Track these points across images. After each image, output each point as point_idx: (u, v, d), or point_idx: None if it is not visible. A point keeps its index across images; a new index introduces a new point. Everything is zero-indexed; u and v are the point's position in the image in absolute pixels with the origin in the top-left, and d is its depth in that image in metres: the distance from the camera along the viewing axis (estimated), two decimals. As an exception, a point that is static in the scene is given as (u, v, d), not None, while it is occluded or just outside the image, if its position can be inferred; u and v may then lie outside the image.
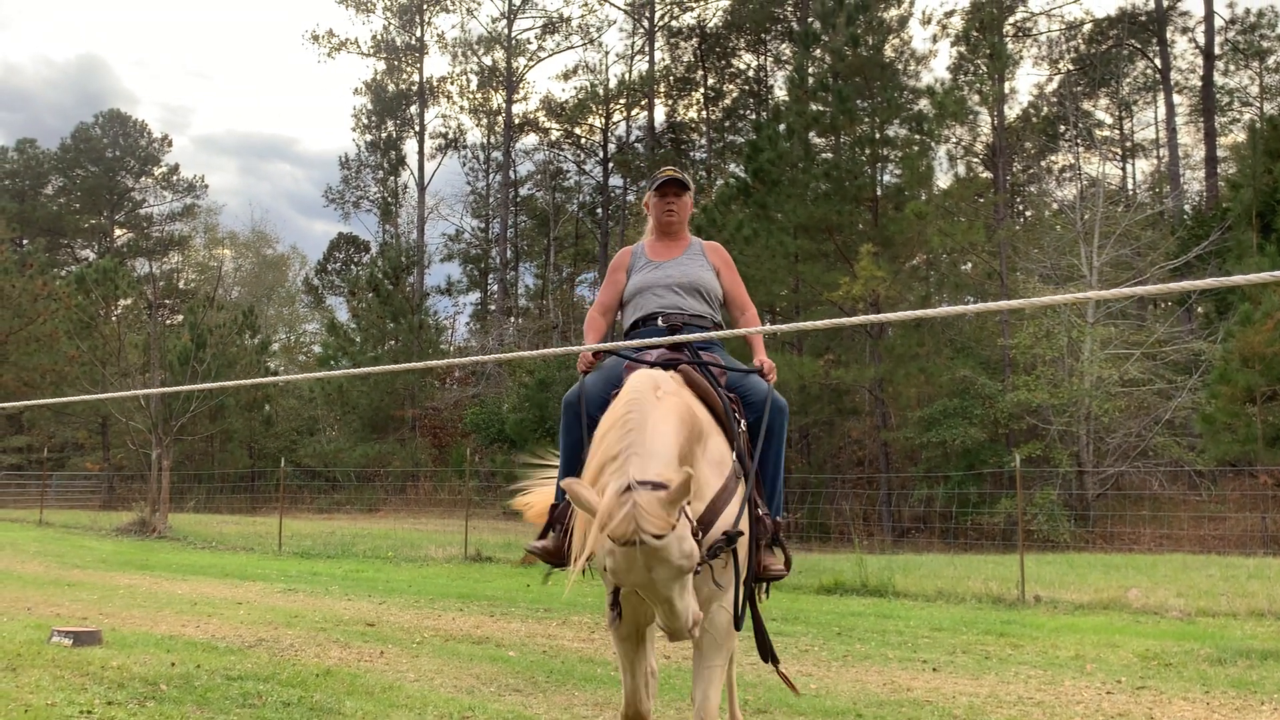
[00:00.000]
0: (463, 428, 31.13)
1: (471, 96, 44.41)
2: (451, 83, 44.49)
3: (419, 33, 44.38)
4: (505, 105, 42.14)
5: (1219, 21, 33.90)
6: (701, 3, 40.34)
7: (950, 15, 34.80)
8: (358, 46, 44.22)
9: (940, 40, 45.74)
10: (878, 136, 22.92)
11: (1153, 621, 8.31)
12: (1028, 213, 37.98)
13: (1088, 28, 37.51)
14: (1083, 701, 5.43)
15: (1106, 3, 66.94)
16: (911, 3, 28.92)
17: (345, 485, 29.54)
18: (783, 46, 39.77)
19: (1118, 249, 22.12)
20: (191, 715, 4.67)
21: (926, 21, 37.58)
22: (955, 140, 32.36)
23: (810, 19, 28.53)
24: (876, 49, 23.40)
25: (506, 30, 42.33)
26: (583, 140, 43.89)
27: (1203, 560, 13.21)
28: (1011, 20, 35.98)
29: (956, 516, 19.71)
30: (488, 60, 43.50)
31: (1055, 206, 32.06)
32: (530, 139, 44.17)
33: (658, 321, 3.85)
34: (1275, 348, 16.94)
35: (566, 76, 53.67)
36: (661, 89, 41.34)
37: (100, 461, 33.19)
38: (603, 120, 41.99)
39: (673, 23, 41.24)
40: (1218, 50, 34.14)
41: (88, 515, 21.74)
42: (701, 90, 41.77)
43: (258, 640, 6.96)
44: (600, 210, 42.87)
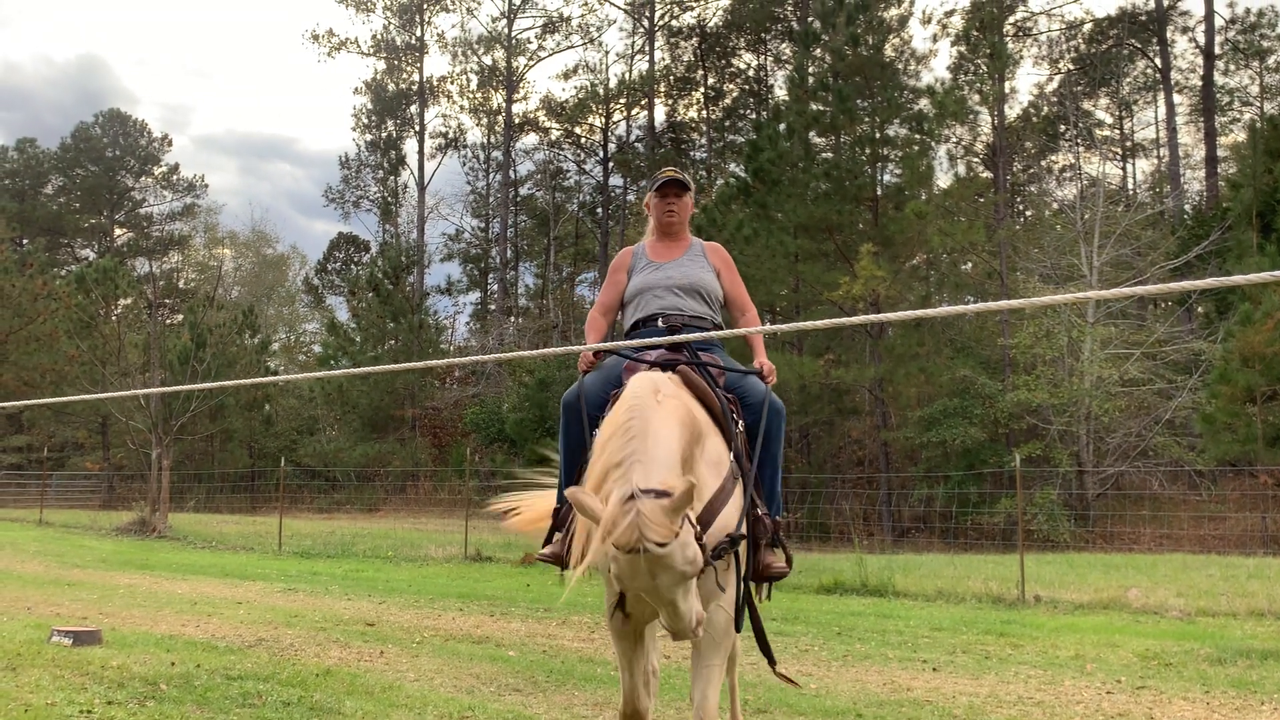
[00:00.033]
0: (463, 427, 31.15)
1: (471, 96, 44.45)
2: (451, 82, 44.56)
3: (419, 32, 44.42)
4: (505, 105, 42.15)
5: (1219, 21, 33.95)
6: (701, 2, 40.36)
7: (950, 15, 34.85)
8: (358, 46, 44.28)
9: (940, 40, 45.80)
10: (878, 136, 22.93)
11: (1153, 621, 8.32)
12: (1028, 212, 37.98)
13: (1088, 27, 37.52)
14: (1083, 701, 5.43)
15: (1106, 2, 66.95)
16: (911, 2, 28.89)
17: (345, 485, 29.56)
18: (783, 46, 39.75)
19: (1118, 249, 22.12)
20: (191, 715, 4.67)
21: (926, 21, 37.54)
22: (955, 140, 32.38)
23: (810, 18, 28.51)
24: (876, 49, 23.40)
25: (506, 30, 42.36)
26: (583, 140, 43.91)
27: (1203, 560, 13.22)
28: (1011, 20, 35.97)
29: (956, 516, 19.71)
30: (488, 60, 43.56)
31: (1055, 206, 32.07)
32: (530, 139, 44.27)
33: (658, 323, 3.87)
34: (1275, 348, 16.95)
35: (566, 76, 53.75)
36: (661, 89, 41.33)
37: (100, 461, 33.20)
38: (603, 120, 41.99)
39: (673, 22, 41.25)
40: (1218, 50, 34.15)
41: (88, 515, 21.75)
42: (701, 90, 41.76)
43: (258, 640, 6.96)
44: (600, 210, 42.86)
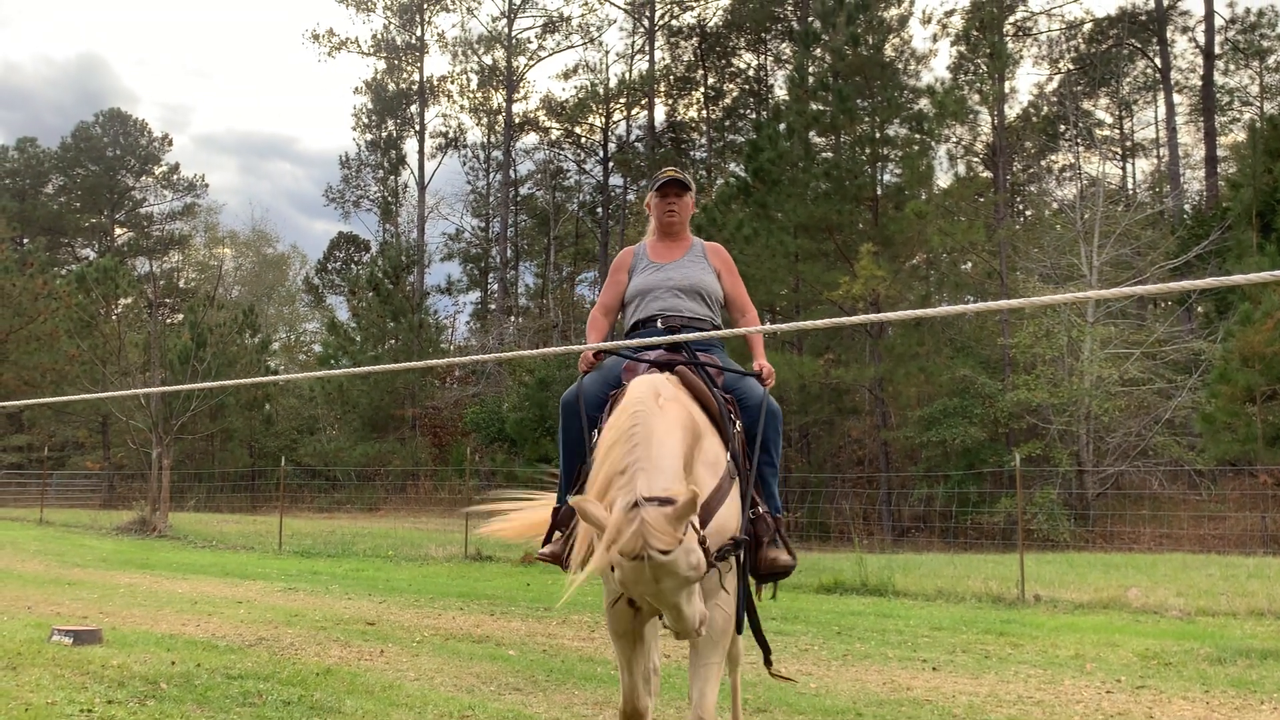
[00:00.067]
0: (463, 427, 31.15)
1: (471, 96, 44.45)
2: (452, 82, 44.56)
3: (419, 32, 44.41)
4: (505, 104, 42.15)
5: (1219, 21, 33.94)
6: (701, 2, 40.36)
7: (950, 15, 34.85)
8: (358, 46, 44.28)
9: (940, 40, 45.76)
10: (878, 136, 22.92)
11: (1152, 621, 8.32)
12: (1028, 212, 37.99)
13: (1088, 27, 37.52)
14: (1082, 701, 5.44)
15: (1106, 2, 66.94)
16: (911, 2, 28.91)
17: (345, 484, 29.56)
18: (783, 46, 39.75)
19: (1118, 248, 22.11)
20: (192, 714, 4.67)
21: (926, 21, 37.55)
22: (955, 140, 32.36)
23: (810, 18, 28.50)
24: (876, 48, 23.39)
25: (506, 29, 42.36)
26: (583, 140, 43.91)
27: (1202, 560, 13.22)
28: (1011, 20, 35.97)
29: (956, 516, 19.70)
30: (488, 59, 43.56)
31: (1055, 206, 32.07)
32: (530, 138, 44.27)
33: (657, 324, 3.89)
34: (1275, 347, 16.94)
35: (566, 76, 53.68)
36: (661, 88, 41.32)
37: (100, 460, 33.19)
38: (603, 120, 41.98)
39: (673, 22, 41.24)
40: (1218, 50, 34.15)
41: (88, 514, 21.75)
42: (701, 90, 41.75)
43: (258, 639, 6.96)
44: (600, 209, 42.86)
